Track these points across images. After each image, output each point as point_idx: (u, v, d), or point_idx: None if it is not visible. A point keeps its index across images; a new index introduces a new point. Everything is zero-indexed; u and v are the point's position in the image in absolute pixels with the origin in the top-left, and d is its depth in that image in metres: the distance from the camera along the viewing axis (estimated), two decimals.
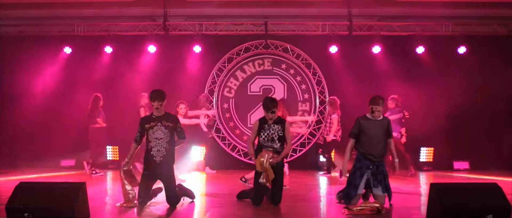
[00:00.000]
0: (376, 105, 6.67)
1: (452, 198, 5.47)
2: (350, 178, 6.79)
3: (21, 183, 5.81)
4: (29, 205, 5.45)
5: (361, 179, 6.68)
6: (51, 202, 5.49)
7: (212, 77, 12.34)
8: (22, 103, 12.11)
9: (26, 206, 5.43)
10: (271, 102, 6.92)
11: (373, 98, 6.75)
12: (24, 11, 12.30)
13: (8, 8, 11.95)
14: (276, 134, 6.88)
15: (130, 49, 12.17)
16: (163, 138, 6.74)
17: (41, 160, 11.81)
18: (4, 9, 12.03)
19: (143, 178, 6.78)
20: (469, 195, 5.56)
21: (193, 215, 6.48)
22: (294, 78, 12.32)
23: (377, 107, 6.66)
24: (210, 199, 7.78)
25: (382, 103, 6.71)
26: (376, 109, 6.67)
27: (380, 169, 6.70)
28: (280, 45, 12.30)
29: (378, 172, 6.68)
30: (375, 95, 6.81)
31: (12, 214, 5.45)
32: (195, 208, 6.82)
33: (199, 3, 12.09)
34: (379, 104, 6.68)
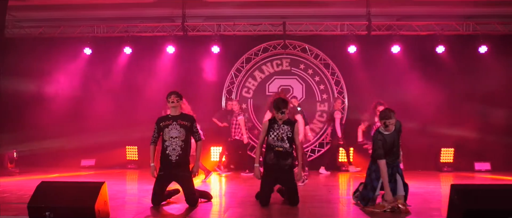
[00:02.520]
0: (389, 119, 6.59)
1: (473, 200, 5.38)
2: (367, 180, 6.75)
3: (43, 182, 5.89)
4: (50, 204, 5.52)
5: (378, 181, 6.64)
6: (71, 201, 5.55)
7: (231, 78, 12.36)
8: (43, 104, 12.33)
9: (47, 205, 5.50)
10: (282, 103, 6.87)
11: (384, 112, 6.68)
12: (45, 12, 12.48)
13: (30, 9, 12.16)
14: (286, 134, 6.85)
15: (149, 50, 12.27)
16: (178, 136, 6.76)
17: (62, 159, 11.96)
18: (26, 11, 12.24)
19: (158, 178, 6.80)
20: (491, 196, 5.47)
21: (211, 215, 6.49)
22: (312, 79, 12.28)
23: (390, 121, 6.59)
24: (228, 199, 7.79)
25: (393, 115, 6.63)
26: (390, 122, 6.60)
27: (395, 170, 6.66)
28: (298, 45, 12.28)
29: (392, 174, 6.64)
30: (385, 109, 6.79)
31: (34, 212, 5.52)
32: (212, 208, 6.83)
33: (217, 4, 12.13)
34: (391, 117, 6.59)
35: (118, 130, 11.26)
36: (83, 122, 11.75)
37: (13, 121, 11.85)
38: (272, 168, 6.84)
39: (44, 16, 12.68)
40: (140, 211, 6.47)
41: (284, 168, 6.82)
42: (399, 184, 6.61)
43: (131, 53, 12.22)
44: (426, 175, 10.53)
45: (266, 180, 6.85)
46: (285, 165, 6.83)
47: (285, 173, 6.82)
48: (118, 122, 11.52)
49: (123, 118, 11.51)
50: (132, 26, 12.55)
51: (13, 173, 10.81)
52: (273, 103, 6.96)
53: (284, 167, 6.82)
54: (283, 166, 6.81)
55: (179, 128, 6.77)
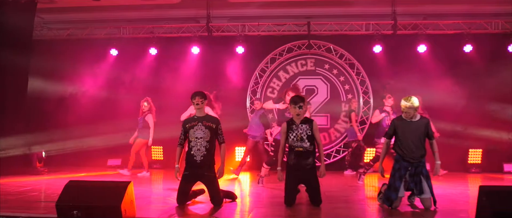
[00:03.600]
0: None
1: (502, 201, 5.25)
2: (390, 180, 6.67)
3: (70, 181, 5.97)
4: (77, 203, 5.59)
5: (401, 182, 6.55)
6: (98, 200, 5.62)
7: (255, 78, 12.37)
8: (71, 104, 12.55)
9: (75, 204, 5.57)
10: (299, 98, 6.91)
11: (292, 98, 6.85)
12: (73, 14, 12.68)
13: (57, 12, 12.39)
14: (305, 133, 6.81)
15: (174, 50, 12.36)
16: (203, 137, 6.80)
17: (89, 159, 12.13)
18: (54, 13, 12.46)
19: (183, 178, 6.84)
20: None
21: (236, 215, 6.50)
22: (337, 79, 12.21)
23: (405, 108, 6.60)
24: (253, 199, 7.79)
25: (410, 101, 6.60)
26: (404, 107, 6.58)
27: (418, 170, 6.55)
28: (323, 45, 12.22)
29: (415, 174, 6.54)
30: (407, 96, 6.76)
31: (62, 211, 5.60)
32: (237, 208, 6.83)
33: (241, 4, 12.15)
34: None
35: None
36: (109, 122, 11.89)
37: (41, 121, 12.06)
38: (294, 169, 6.82)
39: (71, 18, 12.90)
40: (166, 210, 6.51)
41: (305, 167, 6.79)
42: (424, 184, 6.52)
43: (156, 54, 12.34)
44: (453, 176, 10.37)
45: (289, 181, 6.84)
46: (307, 165, 6.79)
47: (307, 172, 6.79)
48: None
49: None
50: (157, 27, 12.67)
51: (41, 172, 11.00)
52: (290, 99, 6.96)
53: (306, 167, 6.79)
54: (304, 166, 6.78)
55: (204, 129, 6.81)
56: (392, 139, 6.83)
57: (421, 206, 6.60)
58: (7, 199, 7.36)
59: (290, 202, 6.79)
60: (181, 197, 6.78)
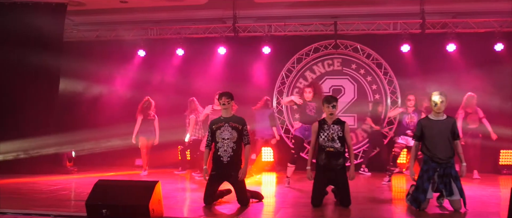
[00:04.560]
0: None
1: None
2: (419, 181, 6.57)
3: (100, 180, 6.07)
4: (106, 202, 5.67)
5: (429, 183, 6.46)
6: (127, 199, 5.69)
7: (281, 78, 12.35)
8: (99, 105, 12.74)
9: (104, 202, 5.66)
10: (333, 97, 6.94)
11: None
12: (101, 16, 12.87)
13: (87, 14, 12.59)
14: (336, 133, 6.79)
15: (200, 51, 12.42)
16: (230, 138, 6.83)
17: (117, 158, 12.28)
18: (83, 15, 12.67)
19: (210, 178, 6.89)
20: None
21: (262, 215, 6.50)
22: (364, 79, 12.10)
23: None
24: (279, 200, 7.77)
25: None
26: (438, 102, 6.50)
27: (447, 171, 6.44)
28: (350, 45, 12.13)
29: (444, 175, 6.43)
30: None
31: (91, 210, 5.70)
32: (264, 208, 6.84)
33: (268, 5, 12.14)
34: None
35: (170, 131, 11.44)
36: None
37: (71, 122, 12.25)
38: (324, 169, 6.80)
39: (100, 20, 13.09)
40: (193, 210, 6.56)
41: (336, 168, 6.76)
42: (454, 186, 6.40)
43: (183, 54, 12.43)
44: (484, 178, 10.17)
45: (318, 181, 6.82)
46: (337, 165, 6.77)
47: (337, 173, 6.76)
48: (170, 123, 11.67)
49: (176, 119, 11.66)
50: (184, 28, 12.76)
51: (71, 172, 11.21)
52: (324, 99, 6.94)
53: (336, 167, 6.76)
54: (334, 166, 6.76)
55: (231, 130, 6.84)
56: None
57: (450, 208, 6.50)
58: (39, 197, 7.53)
59: (317, 203, 6.76)
60: (208, 197, 6.82)
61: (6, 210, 6.33)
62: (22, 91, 10.80)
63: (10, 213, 6.19)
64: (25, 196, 7.62)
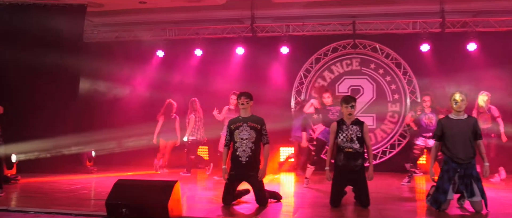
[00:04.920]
0: None
1: None
2: (439, 182, 6.50)
3: (119, 180, 6.12)
4: (126, 201, 5.72)
5: (449, 183, 6.38)
6: (146, 199, 5.74)
7: (300, 78, 12.32)
8: (118, 105, 12.83)
9: (123, 202, 5.71)
10: (351, 97, 6.93)
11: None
12: (121, 17, 12.96)
13: (106, 15, 12.70)
14: (355, 134, 6.75)
15: (219, 51, 12.45)
16: (248, 138, 6.84)
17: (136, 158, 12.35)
18: (103, 16, 12.78)
19: (229, 178, 6.90)
20: None
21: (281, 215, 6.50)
22: (383, 78, 12.00)
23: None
24: (298, 200, 7.76)
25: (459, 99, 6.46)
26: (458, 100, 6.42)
27: (468, 172, 6.35)
28: (368, 44, 12.04)
29: (465, 176, 6.34)
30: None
31: (111, 209, 5.75)
32: (282, 208, 6.83)
33: (286, 5, 12.12)
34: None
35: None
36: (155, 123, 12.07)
37: (91, 122, 12.38)
38: (342, 169, 6.77)
39: (119, 21, 13.19)
40: (211, 209, 6.58)
41: (354, 169, 6.73)
42: (475, 187, 6.32)
43: (202, 55, 12.48)
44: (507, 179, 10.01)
45: (337, 182, 6.80)
46: (356, 166, 6.73)
47: (355, 174, 6.73)
48: None
49: None
50: (202, 29, 12.81)
51: (91, 171, 11.32)
52: (342, 99, 6.92)
53: (355, 168, 6.73)
54: (353, 167, 6.72)
55: (249, 130, 6.85)
56: None
57: (471, 209, 6.42)
58: (60, 196, 7.63)
59: (336, 203, 6.74)
60: (226, 196, 6.84)
61: (28, 208, 6.43)
62: (43, 92, 10.93)
63: (32, 212, 6.29)
64: (47, 195, 7.73)
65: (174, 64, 12.69)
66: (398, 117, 11.83)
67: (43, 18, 10.57)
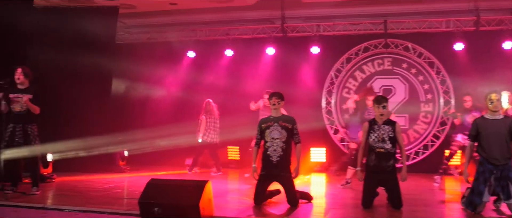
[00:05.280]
0: None
1: None
2: (474, 184, 6.36)
3: (152, 180, 6.19)
4: (158, 200, 5.79)
5: (485, 185, 6.23)
6: (178, 198, 5.79)
7: (330, 78, 12.24)
8: (150, 105, 12.99)
9: (156, 201, 5.78)
10: (383, 97, 6.85)
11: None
12: (152, 19, 13.13)
13: (138, 16, 12.88)
14: (387, 134, 6.66)
15: (249, 52, 12.46)
16: (279, 137, 6.83)
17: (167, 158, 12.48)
18: (135, 18, 12.96)
19: (260, 178, 6.91)
20: None
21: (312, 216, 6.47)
22: (416, 78, 11.83)
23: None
24: (329, 201, 7.72)
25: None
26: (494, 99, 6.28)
27: (504, 174, 6.19)
28: (400, 43, 11.89)
29: (501, 178, 6.18)
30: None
31: (144, 208, 5.82)
32: (313, 209, 6.80)
33: (316, 4, 12.06)
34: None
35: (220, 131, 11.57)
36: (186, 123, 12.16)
37: (123, 122, 12.53)
38: (374, 170, 6.69)
39: (150, 22, 13.36)
40: (242, 210, 6.60)
41: (386, 169, 6.64)
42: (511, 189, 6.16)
43: (232, 55, 12.53)
44: None
45: (368, 182, 6.72)
46: (387, 167, 6.65)
47: (387, 174, 6.65)
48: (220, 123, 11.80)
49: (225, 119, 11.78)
50: (233, 29, 12.86)
51: (124, 170, 11.49)
52: (374, 99, 6.86)
53: (387, 169, 6.64)
54: (385, 168, 6.64)
55: (280, 129, 6.84)
56: None
57: (508, 212, 6.26)
58: (94, 195, 7.77)
59: (367, 204, 6.67)
60: (257, 197, 6.84)
61: (64, 206, 6.58)
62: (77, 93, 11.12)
63: (68, 210, 6.43)
64: (81, 194, 7.88)
65: (205, 64, 12.77)
66: (431, 117, 11.64)
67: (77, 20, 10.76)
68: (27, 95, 7.65)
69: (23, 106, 7.67)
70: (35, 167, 8.01)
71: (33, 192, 7.72)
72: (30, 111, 7.68)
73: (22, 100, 7.63)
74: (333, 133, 12.09)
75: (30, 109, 7.67)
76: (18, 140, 7.66)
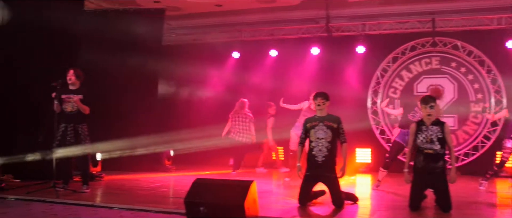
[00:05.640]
0: None
1: None
2: None
3: (198, 179, 6.26)
4: (204, 200, 5.84)
5: None
6: (223, 198, 5.83)
7: (376, 78, 12.06)
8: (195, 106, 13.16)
9: (201, 200, 5.83)
10: (430, 97, 6.68)
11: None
12: (197, 20, 13.30)
13: (184, 18, 13.07)
14: (435, 135, 6.49)
15: (294, 52, 12.43)
16: (324, 137, 6.77)
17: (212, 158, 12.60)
18: (181, 19, 13.16)
19: (304, 179, 6.87)
20: None
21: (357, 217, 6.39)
22: (465, 77, 11.50)
23: None
24: (375, 202, 7.60)
25: None
26: None
27: None
28: (449, 42, 11.58)
29: None
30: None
31: (190, 207, 5.90)
32: (359, 211, 6.72)
33: (361, 3, 11.93)
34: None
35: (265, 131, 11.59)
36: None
37: (169, 122, 12.72)
38: (422, 172, 6.54)
39: (196, 24, 13.53)
40: (287, 210, 6.58)
41: (435, 171, 6.48)
42: None
43: (276, 55, 12.53)
44: None
45: (416, 184, 6.57)
46: (436, 168, 6.48)
47: (436, 176, 6.48)
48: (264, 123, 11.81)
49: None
50: (277, 29, 12.86)
51: (170, 170, 11.67)
52: (421, 99, 6.72)
53: (435, 170, 6.48)
54: (433, 169, 6.48)
55: (326, 129, 6.78)
56: None
57: None
58: (141, 194, 7.93)
59: (415, 207, 6.53)
60: (302, 197, 6.81)
61: (113, 204, 6.74)
62: (125, 94, 11.38)
63: (116, 208, 6.58)
64: (129, 192, 8.06)
65: (249, 65, 12.82)
66: (482, 118, 11.28)
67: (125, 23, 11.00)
68: (78, 96, 7.88)
69: (74, 107, 7.90)
70: (85, 166, 8.25)
71: (83, 190, 7.95)
72: (80, 111, 7.91)
73: (73, 100, 7.86)
74: (379, 133, 11.90)
75: (81, 109, 7.89)
76: (70, 139, 7.89)
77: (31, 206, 6.77)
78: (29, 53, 9.36)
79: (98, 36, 10.83)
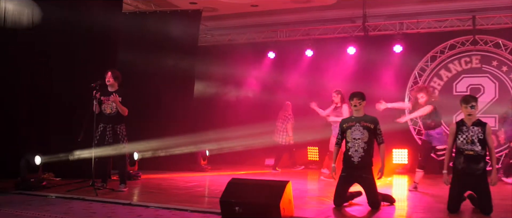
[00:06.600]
0: None
1: None
2: None
3: (233, 179, 6.28)
4: (239, 199, 5.85)
5: None
6: (258, 198, 5.82)
7: (414, 78, 11.86)
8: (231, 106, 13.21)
9: (237, 200, 5.85)
10: (472, 97, 6.49)
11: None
12: (233, 21, 13.38)
13: (220, 19, 13.16)
14: (476, 136, 6.30)
15: (330, 51, 12.35)
16: (361, 138, 6.69)
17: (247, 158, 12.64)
18: (216, 20, 13.25)
19: (340, 179, 6.81)
20: None
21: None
22: (507, 76, 11.18)
23: None
24: (412, 204, 7.47)
25: None
26: None
27: None
28: (490, 40, 11.29)
29: None
30: None
31: (225, 207, 5.92)
32: (395, 212, 6.62)
33: (399, 2, 11.75)
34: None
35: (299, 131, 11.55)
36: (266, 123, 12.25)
37: (205, 122, 12.85)
38: (462, 173, 6.38)
39: (232, 24, 13.61)
40: (322, 211, 6.53)
41: (475, 173, 6.31)
42: None
43: (312, 55, 12.47)
44: None
45: (455, 186, 6.42)
46: (477, 170, 6.30)
47: (476, 178, 6.31)
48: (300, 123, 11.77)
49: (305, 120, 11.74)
50: (313, 29, 12.80)
51: (205, 169, 11.76)
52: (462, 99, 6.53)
53: (476, 172, 6.31)
54: (474, 171, 6.30)
55: (362, 130, 6.71)
56: None
57: None
58: (176, 193, 8.01)
59: (454, 209, 6.38)
60: (338, 198, 6.75)
61: (149, 203, 6.83)
62: (161, 94, 11.56)
63: (153, 207, 6.67)
64: (165, 191, 8.15)
65: (285, 65, 12.82)
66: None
67: (162, 24, 11.16)
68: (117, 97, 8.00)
69: (113, 108, 8.04)
70: (123, 165, 8.38)
71: (121, 188, 8.08)
72: (119, 112, 8.04)
73: (112, 101, 7.99)
74: (416, 133, 11.70)
75: (119, 111, 8.02)
76: (108, 139, 8.04)
77: (71, 204, 6.93)
78: (67, 54, 9.56)
79: (135, 37, 11.01)
